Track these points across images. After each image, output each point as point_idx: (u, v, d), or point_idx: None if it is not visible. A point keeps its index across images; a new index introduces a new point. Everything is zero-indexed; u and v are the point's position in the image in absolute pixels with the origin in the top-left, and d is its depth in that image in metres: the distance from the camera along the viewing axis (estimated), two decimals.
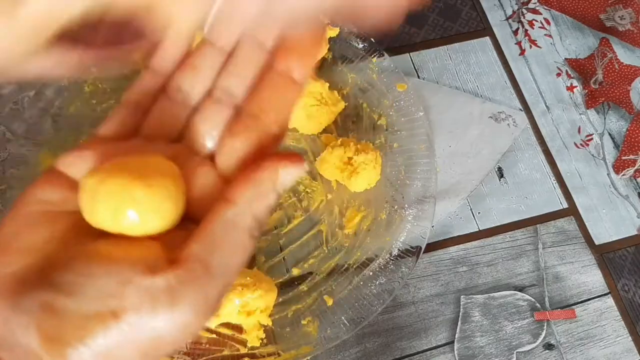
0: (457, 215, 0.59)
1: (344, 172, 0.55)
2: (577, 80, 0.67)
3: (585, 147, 0.64)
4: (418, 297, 0.55)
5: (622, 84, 0.67)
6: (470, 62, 0.67)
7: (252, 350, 0.50)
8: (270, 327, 0.51)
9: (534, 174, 0.62)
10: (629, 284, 0.58)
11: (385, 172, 0.58)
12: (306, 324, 0.52)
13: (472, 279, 0.56)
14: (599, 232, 0.60)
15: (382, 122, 0.61)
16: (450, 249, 0.57)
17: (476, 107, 0.64)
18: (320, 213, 0.56)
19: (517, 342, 0.54)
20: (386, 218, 0.56)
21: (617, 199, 0.62)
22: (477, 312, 0.55)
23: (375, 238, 0.56)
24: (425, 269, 0.56)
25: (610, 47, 0.69)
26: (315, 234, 0.56)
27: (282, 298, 0.53)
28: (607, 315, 0.56)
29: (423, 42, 0.67)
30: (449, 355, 0.53)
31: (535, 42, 0.69)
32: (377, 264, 0.54)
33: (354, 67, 0.62)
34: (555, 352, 0.54)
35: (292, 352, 0.50)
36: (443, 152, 0.61)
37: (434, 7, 0.69)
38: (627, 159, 0.63)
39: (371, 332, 0.53)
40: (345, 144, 0.55)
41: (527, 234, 0.59)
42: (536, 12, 0.71)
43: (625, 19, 0.70)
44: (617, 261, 0.59)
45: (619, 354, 0.55)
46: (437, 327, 0.54)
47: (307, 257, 0.55)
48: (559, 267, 0.58)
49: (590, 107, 0.66)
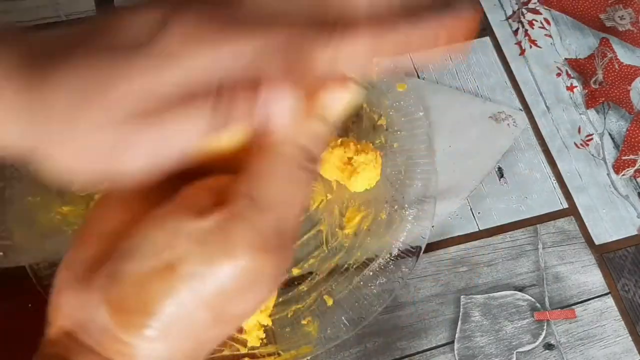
0: (457, 215, 0.59)
1: (344, 172, 0.55)
2: (577, 80, 0.67)
3: (585, 147, 0.64)
4: (418, 297, 0.55)
5: (622, 84, 0.67)
6: (471, 62, 0.67)
7: (252, 350, 0.50)
8: (270, 327, 0.51)
9: (534, 174, 0.62)
10: (629, 284, 0.58)
11: (385, 172, 0.58)
12: (306, 324, 0.52)
13: (472, 279, 0.56)
14: (599, 232, 0.60)
15: (382, 122, 0.60)
16: (450, 249, 0.57)
17: (476, 107, 0.64)
18: (320, 213, 0.56)
19: (517, 342, 0.54)
20: (386, 218, 0.56)
21: (617, 199, 0.62)
22: (477, 312, 0.55)
23: (375, 238, 0.55)
24: (425, 269, 0.56)
25: (610, 47, 0.69)
26: (315, 234, 0.56)
27: (282, 298, 0.53)
28: (607, 315, 0.56)
29: None
30: (449, 355, 0.53)
31: (535, 42, 0.69)
32: (377, 264, 0.54)
33: None
34: (555, 352, 0.54)
35: (292, 352, 0.50)
36: (443, 152, 0.61)
37: None
38: (627, 159, 0.63)
39: (371, 332, 0.53)
40: (345, 144, 0.55)
41: (527, 234, 0.59)
42: (536, 12, 0.71)
43: (625, 19, 0.70)
44: (617, 261, 0.59)
45: (619, 354, 0.55)
46: (437, 327, 0.54)
47: (307, 257, 0.55)
48: (559, 267, 0.58)
49: (590, 107, 0.66)
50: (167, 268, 0.20)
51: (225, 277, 0.20)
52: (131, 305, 0.20)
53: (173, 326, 0.21)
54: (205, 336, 0.22)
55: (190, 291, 0.20)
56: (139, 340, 0.21)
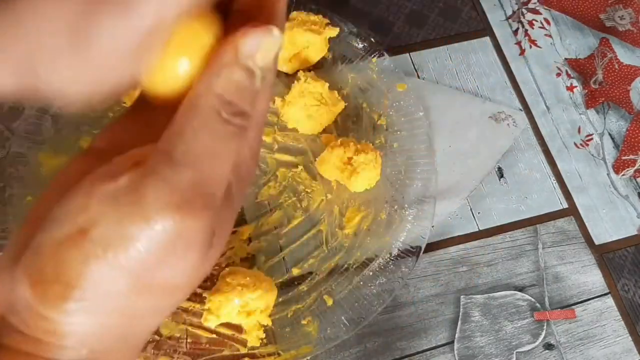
0: (457, 215, 0.59)
1: (343, 172, 0.55)
2: (577, 80, 0.67)
3: (585, 147, 0.64)
4: (418, 297, 0.55)
5: (622, 84, 0.67)
6: (470, 62, 0.67)
7: (252, 350, 0.50)
8: (270, 327, 0.51)
9: (534, 174, 0.62)
10: (629, 284, 0.58)
11: (385, 172, 0.58)
12: (306, 324, 0.52)
13: (472, 279, 0.56)
14: (599, 232, 0.60)
15: (382, 122, 0.60)
16: (450, 249, 0.57)
17: (476, 107, 0.64)
18: (320, 213, 0.56)
19: (517, 342, 0.54)
20: (386, 218, 0.56)
21: (617, 199, 0.62)
22: (477, 312, 0.55)
23: (375, 238, 0.55)
24: (425, 269, 0.56)
25: (610, 47, 0.69)
26: (315, 234, 0.56)
27: (282, 298, 0.53)
28: (607, 315, 0.56)
29: (423, 42, 0.67)
30: (449, 355, 0.53)
31: (535, 42, 0.69)
32: (377, 264, 0.54)
33: (354, 67, 0.62)
34: (555, 352, 0.54)
35: (292, 352, 0.50)
36: (443, 152, 0.61)
37: (434, 7, 0.69)
38: (627, 159, 0.63)
39: (371, 332, 0.53)
40: (345, 144, 0.55)
41: (527, 234, 0.59)
42: (536, 12, 0.71)
43: (625, 19, 0.70)
44: (617, 261, 0.59)
45: (619, 354, 0.55)
46: (437, 327, 0.54)
47: (307, 257, 0.55)
48: (559, 267, 0.58)
49: (590, 107, 0.66)
50: (79, 232, 0.19)
51: (141, 239, 0.19)
52: (48, 276, 0.19)
53: (94, 297, 0.19)
54: (133, 308, 0.21)
55: (105, 256, 0.19)
56: (62, 315, 0.19)
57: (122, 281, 0.19)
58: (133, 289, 0.20)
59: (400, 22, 0.68)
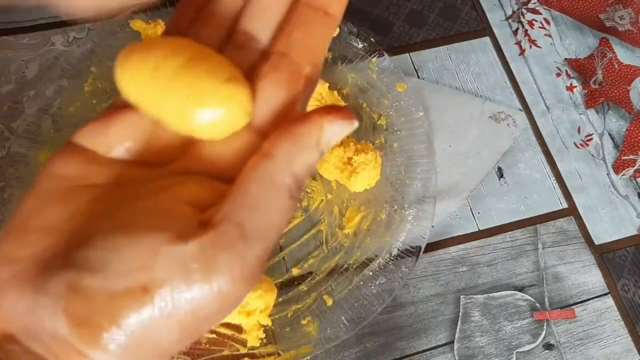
0: (457, 215, 0.59)
1: (343, 172, 0.55)
2: (577, 80, 0.67)
3: (585, 147, 0.64)
4: (418, 297, 0.55)
5: (622, 84, 0.67)
6: (470, 62, 0.67)
7: (252, 350, 0.50)
8: (270, 327, 0.51)
9: (533, 174, 0.62)
10: (628, 284, 0.58)
11: (385, 172, 0.58)
12: (306, 324, 0.52)
13: (472, 279, 0.56)
14: (599, 232, 0.60)
15: (382, 122, 0.61)
16: (450, 249, 0.57)
17: (476, 107, 0.64)
18: (320, 213, 0.56)
19: (517, 342, 0.54)
20: (386, 218, 0.56)
21: (617, 199, 0.62)
22: (476, 312, 0.55)
23: (375, 238, 0.55)
24: (425, 269, 0.56)
25: (610, 47, 0.69)
26: (315, 234, 0.56)
27: (282, 298, 0.53)
28: (606, 315, 0.56)
29: (423, 42, 0.67)
30: (449, 355, 0.53)
31: (535, 42, 0.69)
32: (377, 264, 0.54)
33: (353, 67, 0.62)
34: (555, 352, 0.54)
35: (292, 352, 0.50)
36: (443, 152, 0.61)
37: (434, 7, 0.70)
38: (627, 159, 0.63)
39: (371, 332, 0.53)
40: (345, 144, 0.55)
41: (527, 234, 0.59)
42: (536, 12, 0.71)
43: (625, 19, 0.70)
44: (616, 261, 0.59)
45: (619, 354, 0.55)
46: (437, 327, 0.54)
47: (307, 257, 0.55)
48: (559, 267, 0.58)
49: (590, 107, 0.66)
50: (141, 290, 0.19)
51: (203, 302, 0.20)
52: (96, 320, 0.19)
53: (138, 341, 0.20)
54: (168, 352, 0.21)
55: (163, 312, 0.19)
56: (100, 354, 0.19)
57: (170, 333, 0.20)
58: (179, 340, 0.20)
59: (400, 22, 0.68)
